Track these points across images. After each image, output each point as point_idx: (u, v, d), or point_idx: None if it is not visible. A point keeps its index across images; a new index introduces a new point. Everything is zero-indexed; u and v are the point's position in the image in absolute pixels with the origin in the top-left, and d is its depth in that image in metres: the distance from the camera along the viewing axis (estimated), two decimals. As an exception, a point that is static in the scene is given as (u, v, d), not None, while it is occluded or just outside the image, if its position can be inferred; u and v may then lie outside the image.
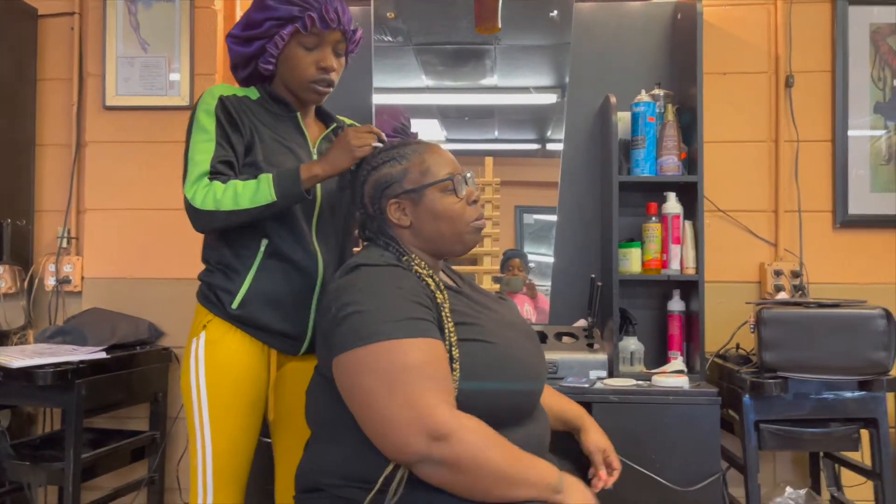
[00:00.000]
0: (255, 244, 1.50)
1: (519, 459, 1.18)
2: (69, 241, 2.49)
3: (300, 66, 1.53)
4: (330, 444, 1.30)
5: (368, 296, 1.23)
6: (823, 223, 2.40)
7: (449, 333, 1.23)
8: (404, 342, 1.17)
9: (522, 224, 2.51)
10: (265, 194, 1.40)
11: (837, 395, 1.87)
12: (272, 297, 1.50)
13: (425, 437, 1.12)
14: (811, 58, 2.41)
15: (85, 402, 1.96)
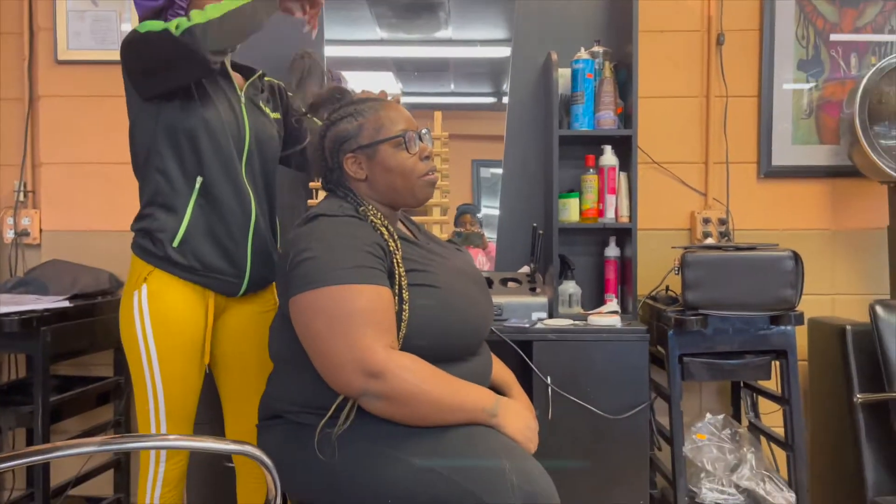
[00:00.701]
0: (191, 181, 1.54)
1: (455, 389, 1.32)
2: (26, 194, 2.53)
3: None
4: (289, 376, 1.42)
5: (324, 244, 1.33)
6: (749, 174, 2.57)
7: (400, 278, 1.35)
8: (352, 287, 1.28)
9: (479, 177, 2.61)
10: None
11: (752, 330, 2.05)
12: (209, 233, 1.56)
13: (363, 374, 1.25)
14: (741, 17, 2.54)
15: (50, 348, 2.04)
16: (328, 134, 1.49)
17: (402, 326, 1.33)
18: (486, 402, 1.35)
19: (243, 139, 1.61)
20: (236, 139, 1.59)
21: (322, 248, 1.33)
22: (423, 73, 2.70)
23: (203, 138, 1.54)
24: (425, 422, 1.30)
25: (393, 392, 1.26)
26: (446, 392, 1.30)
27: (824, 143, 2.54)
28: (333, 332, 1.27)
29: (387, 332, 1.29)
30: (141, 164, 1.59)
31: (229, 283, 1.61)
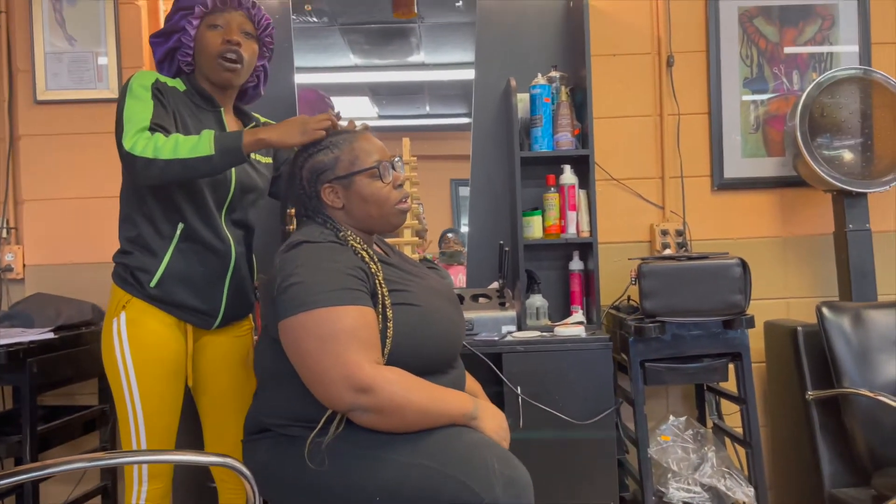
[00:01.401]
0: (172, 227, 1.64)
1: (438, 397, 1.42)
2: (8, 231, 2.60)
3: (209, 44, 1.68)
4: (276, 390, 1.51)
5: (309, 269, 1.42)
6: (703, 187, 2.71)
7: (383, 298, 1.45)
8: (338, 309, 1.37)
9: (458, 196, 2.70)
10: (205, 147, 1.50)
11: (707, 334, 2.17)
12: (186, 276, 1.65)
13: (352, 390, 1.34)
14: (688, 39, 2.69)
15: (36, 378, 2.11)
16: (305, 165, 1.59)
17: (387, 343, 1.42)
18: (467, 406, 1.45)
19: (228, 189, 1.70)
20: (221, 190, 1.68)
21: (308, 273, 1.42)
22: (398, 96, 2.79)
23: (188, 190, 1.64)
24: (413, 429, 1.39)
25: (382, 404, 1.35)
26: (431, 400, 1.40)
27: (772, 156, 2.68)
28: (323, 351, 1.35)
29: (372, 349, 1.39)
30: (128, 203, 1.68)
31: (203, 320, 1.71)
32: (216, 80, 1.72)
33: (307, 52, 2.66)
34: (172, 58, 1.74)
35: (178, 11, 1.69)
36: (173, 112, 1.64)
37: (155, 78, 1.65)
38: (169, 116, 1.62)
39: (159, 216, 1.64)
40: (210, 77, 1.72)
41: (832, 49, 2.69)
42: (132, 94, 1.58)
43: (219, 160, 1.52)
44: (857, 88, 2.54)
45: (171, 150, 1.49)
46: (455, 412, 1.42)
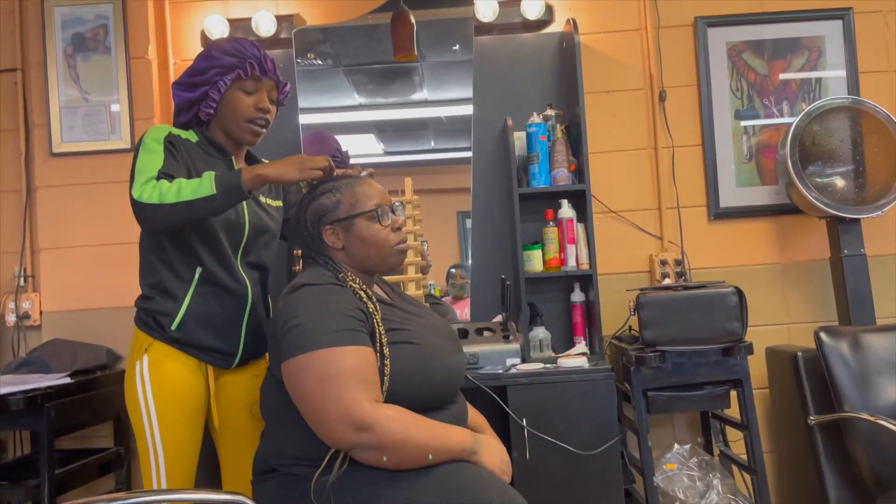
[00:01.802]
0: (191, 271, 1.71)
1: (438, 433, 1.45)
2: (26, 279, 2.69)
3: (241, 108, 1.75)
4: (281, 431, 1.56)
5: (310, 311, 1.48)
6: (700, 216, 2.76)
7: (380, 337, 1.50)
8: (338, 350, 1.42)
9: (465, 228, 2.75)
10: (206, 187, 1.55)
11: (707, 362, 2.20)
12: (205, 318, 1.72)
13: (353, 428, 1.38)
14: (679, 74, 2.78)
15: (54, 423, 2.17)
16: (309, 207, 1.66)
17: (385, 381, 1.47)
18: (467, 442, 1.49)
19: (242, 233, 1.77)
20: (236, 233, 1.76)
21: (309, 315, 1.47)
22: (403, 132, 2.87)
23: (204, 235, 1.71)
24: (413, 465, 1.43)
25: (382, 442, 1.39)
26: (430, 436, 1.44)
27: (766, 184, 2.74)
28: (324, 391, 1.40)
29: (372, 388, 1.43)
30: (147, 251, 1.76)
31: (223, 359, 1.78)
32: (239, 139, 1.80)
33: (312, 93, 2.75)
34: (192, 107, 1.80)
35: (214, 69, 1.74)
36: (186, 163, 1.71)
37: (168, 131, 1.73)
38: (179, 166, 1.68)
39: (178, 261, 1.71)
40: (233, 135, 1.80)
41: (821, 77, 2.76)
42: (145, 147, 1.66)
43: (221, 199, 1.57)
44: (847, 117, 2.60)
45: (175, 194, 1.55)
46: (455, 447, 1.46)
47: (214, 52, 1.75)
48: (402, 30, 2.70)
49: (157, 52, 2.73)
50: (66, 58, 2.70)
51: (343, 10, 2.78)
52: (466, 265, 2.74)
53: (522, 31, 2.75)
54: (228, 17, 2.74)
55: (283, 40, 2.72)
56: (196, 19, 2.79)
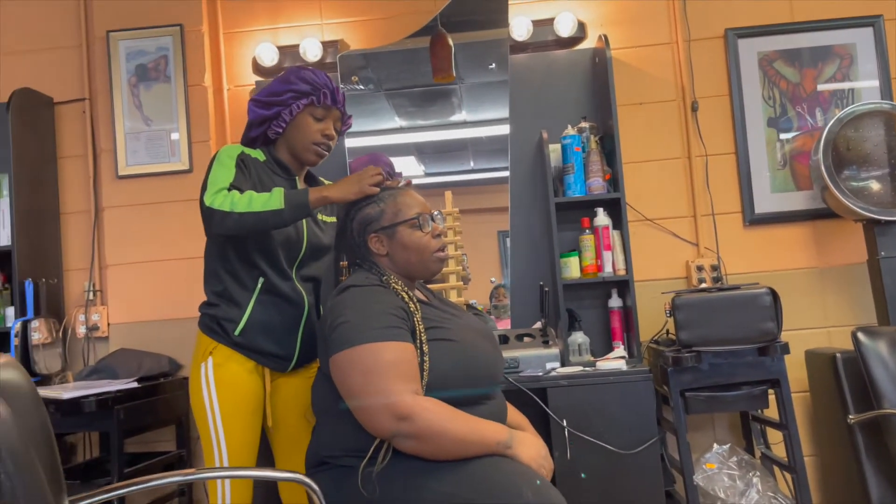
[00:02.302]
0: (254, 281, 1.84)
1: (474, 426, 1.53)
2: (95, 293, 2.89)
3: (309, 132, 1.88)
4: (330, 425, 1.66)
5: (355, 310, 1.59)
6: (735, 223, 2.82)
7: (420, 334, 1.60)
8: (380, 345, 1.53)
9: (506, 247, 2.84)
10: (276, 202, 1.69)
11: (743, 362, 2.25)
12: (266, 325, 1.84)
13: (394, 418, 1.47)
14: (711, 85, 2.85)
15: (123, 424, 2.33)
16: (356, 217, 1.78)
17: (424, 375, 1.56)
18: (502, 436, 1.56)
19: (300, 250, 1.90)
20: (294, 248, 1.88)
21: (354, 314, 1.59)
22: (443, 153, 2.98)
23: (266, 248, 1.84)
24: (450, 456, 1.51)
25: (420, 431, 1.48)
26: (467, 429, 1.52)
27: (801, 190, 2.79)
28: (367, 383, 1.51)
29: (412, 380, 1.53)
30: (212, 261, 1.89)
31: (279, 363, 1.90)
32: (303, 160, 1.94)
33: (356, 116, 2.88)
34: (263, 124, 1.93)
35: (290, 92, 1.87)
36: (254, 180, 1.85)
37: (240, 150, 1.87)
38: (248, 182, 1.82)
39: (242, 271, 1.84)
40: (298, 156, 1.93)
41: (853, 83, 2.80)
42: (219, 161, 1.81)
43: (288, 214, 1.71)
44: (881, 121, 2.63)
45: (245, 204, 1.69)
46: (490, 440, 1.53)
47: (293, 78, 1.89)
48: (440, 52, 2.84)
49: (213, 79, 2.92)
50: (130, 87, 2.91)
51: (384, 34, 2.93)
52: (508, 284, 2.82)
53: (556, 49, 2.87)
54: (278, 45, 2.93)
55: (328, 65, 2.89)
56: (248, 48, 2.98)
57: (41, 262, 2.81)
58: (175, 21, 2.89)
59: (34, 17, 3.00)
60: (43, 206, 2.87)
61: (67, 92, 2.98)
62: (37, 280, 2.74)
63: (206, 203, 1.70)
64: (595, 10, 2.89)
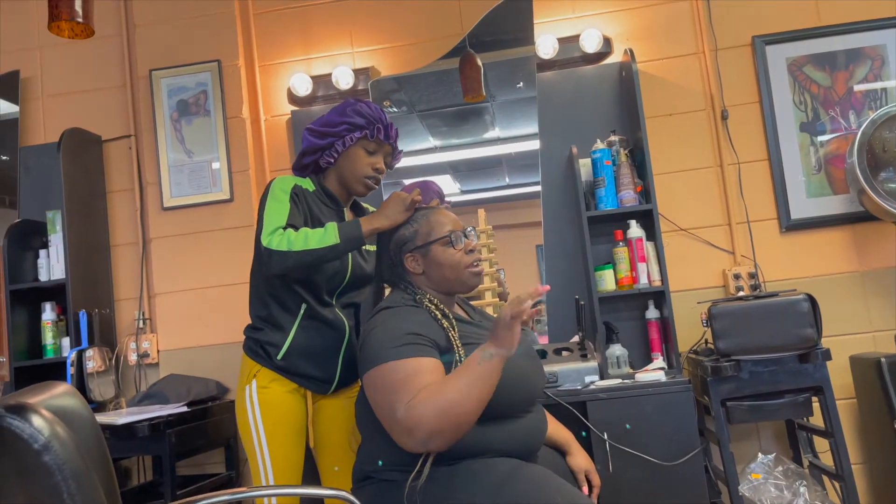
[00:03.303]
0: (297, 307, 1.91)
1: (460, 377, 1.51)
2: (144, 322, 3.00)
3: (360, 164, 1.95)
4: (372, 441, 1.71)
5: (381, 329, 1.64)
6: (771, 229, 2.80)
7: (458, 350, 1.64)
8: (397, 362, 1.56)
9: (544, 261, 2.86)
10: (331, 237, 1.76)
11: (784, 370, 2.23)
12: (308, 350, 1.90)
13: (406, 435, 1.50)
14: (740, 93, 2.85)
15: (175, 447, 2.41)
16: (392, 239, 1.84)
17: None
18: (475, 357, 1.51)
19: (343, 277, 1.96)
20: (337, 278, 1.94)
21: (379, 333, 1.64)
22: (478, 171, 3.03)
23: (310, 276, 1.90)
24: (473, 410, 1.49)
25: (430, 432, 1.48)
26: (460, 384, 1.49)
27: (837, 194, 2.76)
28: (384, 402, 1.55)
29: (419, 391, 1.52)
30: (258, 286, 1.95)
31: (320, 386, 1.96)
32: (352, 191, 2.00)
33: (391, 138, 2.94)
34: (315, 153, 1.99)
35: (344, 124, 1.94)
36: (305, 212, 1.91)
37: (293, 183, 1.92)
38: (301, 216, 1.88)
39: (286, 297, 1.91)
40: (348, 186, 1.99)
41: (886, 84, 2.77)
42: (273, 195, 1.87)
43: (343, 247, 1.77)
44: (917, 121, 2.60)
45: (302, 243, 1.75)
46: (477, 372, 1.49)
47: (349, 111, 1.95)
48: (469, 72, 2.90)
49: (250, 110, 3.03)
50: (172, 122, 3.03)
51: (413, 59, 3.01)
52: (544, 298, 2.82)
53: (582, 65, 2.90)
54: (311, 75, 3.02)
55: (360, 91, 2.97)
56: (282, 79, 3.08)
57: (94, 294, 2.93)
58: (213, 57, 3.01)
59: (81, 60, 3.16)
60: (94, 239, 3.00)
61: (114, 129, 3.12)
62: (90, 311, 2.86)
63: (264, 244, 1.75)
64: (620, 25, 2.92)
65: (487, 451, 1.60)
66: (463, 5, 3.03)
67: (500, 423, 1.63)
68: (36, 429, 0.85)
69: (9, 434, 0.85)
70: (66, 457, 0.85)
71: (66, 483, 0.84)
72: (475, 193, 3.00)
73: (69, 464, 0.85)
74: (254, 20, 3.13)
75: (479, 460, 1.59)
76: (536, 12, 2.87)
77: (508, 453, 1.62)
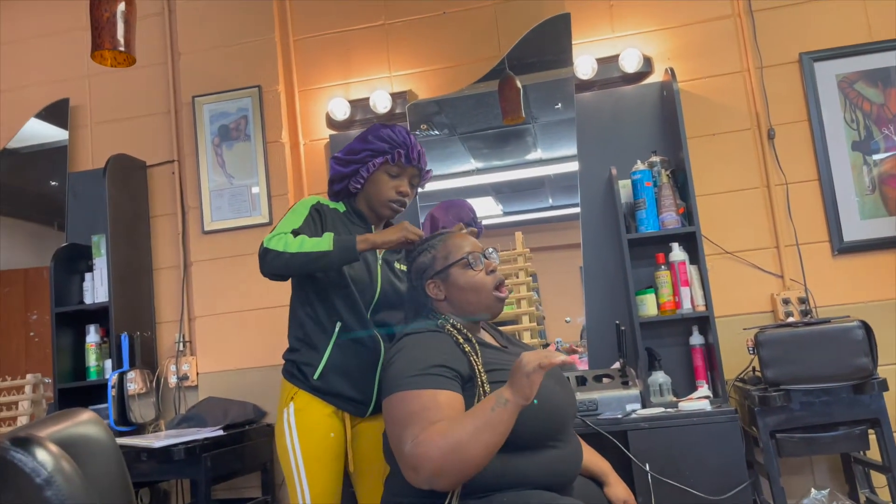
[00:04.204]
0: (332, 325, 1.90)
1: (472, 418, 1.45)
2: (184, 344, 3.03)
3: (383, 189, 1.96)
4: (397, 473, 1.68)
5: (400, 358, 1.61)
6: (823, 252, 2.68)
7: (480, 376, 1.60)
8: (411, 392, 1.51)
9: (584, 285, 2.78)
10: (325, 244, 1.78)
11: (837, 400, 2.12)
12: (343, 369, 1.89)
13: (412, 471, 1.45)
14: (788, 111, 2.76)
15: (210, 471, 2.41)
16: (412, 267, 1.83)
17: None
18: (490, 402, 1.46)
19: (374, 294, 1.96)
20: (368, 293, 1.94)
21: (398, 362, 1.60)
22: (520, 192, 2.99)
23: (343, 293, 1.90)
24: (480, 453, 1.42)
25: (434, 471, 1.42)
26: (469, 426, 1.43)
27: (893, 215, 2.63)
28: (393, 434, 1.52)
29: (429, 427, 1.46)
30: (296, 307, 1.97)
31: (358, 408, 1.94)
32: (379, 214, 2.02)
33: (430, 161, 2.91)
34: (343, 180, 2.02)
35: (366, 151, 1.97)
36: (327, 228, 1.93)
37: (317, 200, 1.97)
38: (315, 230, 1.90)
39: (322, 315, 1.91)
40: (375, 210, 2.01)
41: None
42: (293, 210, 1.92)
43: (336, 255, 1.78)
44: (978, 138, 2.48)
45: (297, 246, 1.79)
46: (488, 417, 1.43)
47: (370, 137, 1.98)
48: (509, 94, 2.88)
49: (289, 135, 3.06)
50: (213, 147, 3.08)
51: (451, 82, 3.00)
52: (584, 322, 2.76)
53: (622, 85, 2.85)
54: (349, 99, 3.04)
55: (398, 115, 2.97)
56: (321, 103, 3.11)
57: (136, 316, 2.98)
58: (254, 83, 3.05)
59: (128, 87, 3.24)
60: (137, 262, 3.05)
61: (158, 154, 3.18)
62: (132, 333, 2.90)
63: (264, 244, 1.81)
64: (661, 43, 2.87)
65: (520, 483, 1.54)
66: (501, 27, 3.01)
67: (533, 453, 1.58)
68: (39, 462, 0.84)
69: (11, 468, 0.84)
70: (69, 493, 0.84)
71: (69, 520, 0.83)
72: (518, 215, 2.96)
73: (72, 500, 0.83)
74: (294, 46, 3.17)
75: (511, 493, 1.53)
76: (575, 33, 2.84)
77: (542, 485, 1.56)
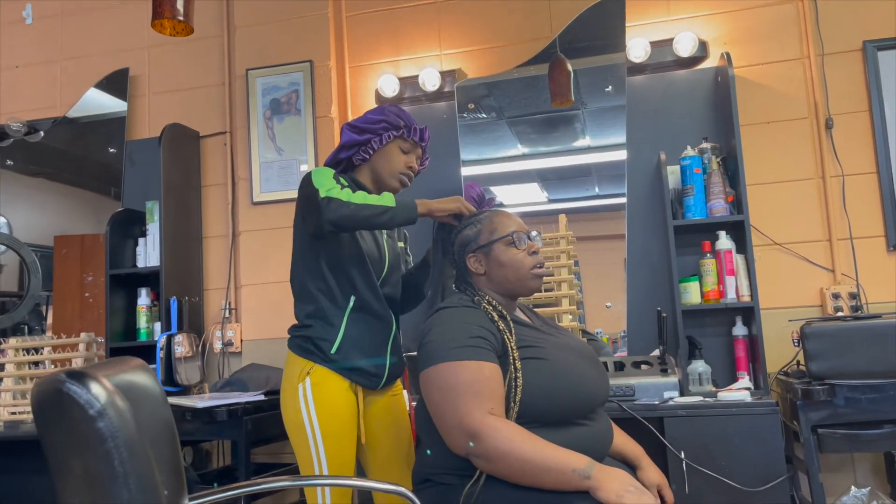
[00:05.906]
0: (346, 299, 1.91)
1: (547, 451, 1.46)
2: (230, 311, 3.11)
3: (395, 161, 2.00)
4: (431, 445, 1.70)
5: (440, 329, 1.64)
6: (878, 247, 2.60)
7: (513, 352, 1.61)
8: (458, 364, 1.55)
9: (627, 271, 2.75)
10: (388, 200, 1.81)
11: (884, 397, 2.06)
12: (359, 342, 1.91)
13: (464, 436, 1.49)
14: (848, 101, 2.67)
15: (251, 435, 2.48)
16: (456, 239, 1.84)
17: (517, 394, 1.56)
18: (577, 463, 1.45)
19: (383, 266, 2.00)
20: (377, 265, 1.98)
21: (438, 333, 1.63)
22: (567, 180, 2.97)
23: (356, 266, 1.93)
24: (523, 479, 1.46)
25: (488, 451, 1.47)
26: (534, 451, 1.47)
27: (955, 211, 2.54)
28: (444, 401, 1.54)
29: (487, 400, 1.52)
30: (302, 282, 1.99)
31: (371, 380, 1.96)
32: (385, 187, 2.03)
33: (476, 146, 2.93)
34: (352, 148, 2.04)
35: (383, 122, 2.00)
36: None
37: (333, 172, 1.97)
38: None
39: (335, 290, 1.93)
40: (381, 182, 2.03)
41: None
42: (318, 173, 1.87)
43: (399, 212, 1.80)
44: None
45: (360, 198, 1.80)
46: (565, 467, 1.44)
47: (387, 111, 2.02)
48: (559, 77, 2.85)
49: (339, 110, 3.09)
50: (265, 120, 3.13)
51: (501, 61, 2.99)
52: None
53: (675, 69, 2.80)
54: (399, 76, 3.06)
55: (446, 93, 2.98)
56: (371, 80, 3.13)
57: (185, 282, 3.06)
58: (306, 57, 3.09)
59: (185, 59, 3.32)
60: (188, 230, 3.13)
61: (211, 126, 3.25)
62: (181, 298, 2.99)
63: (323, 194, 1.77)
64: (718, 28, 2.80)
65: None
66: (553, 7, 2.99)
67: (560, 429, 1.58)
68: (93, 395, 0.89)
69: (67, 399, 0.89)
70: (120, 425, 0.88)
71: (119, 451, 0.87)
72: (563, 203, 2.94)
73: (123, 432, 0.88)
74: (346, 22, 3.20)
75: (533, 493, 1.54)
76: (629, 15, 2.79)
77: None
